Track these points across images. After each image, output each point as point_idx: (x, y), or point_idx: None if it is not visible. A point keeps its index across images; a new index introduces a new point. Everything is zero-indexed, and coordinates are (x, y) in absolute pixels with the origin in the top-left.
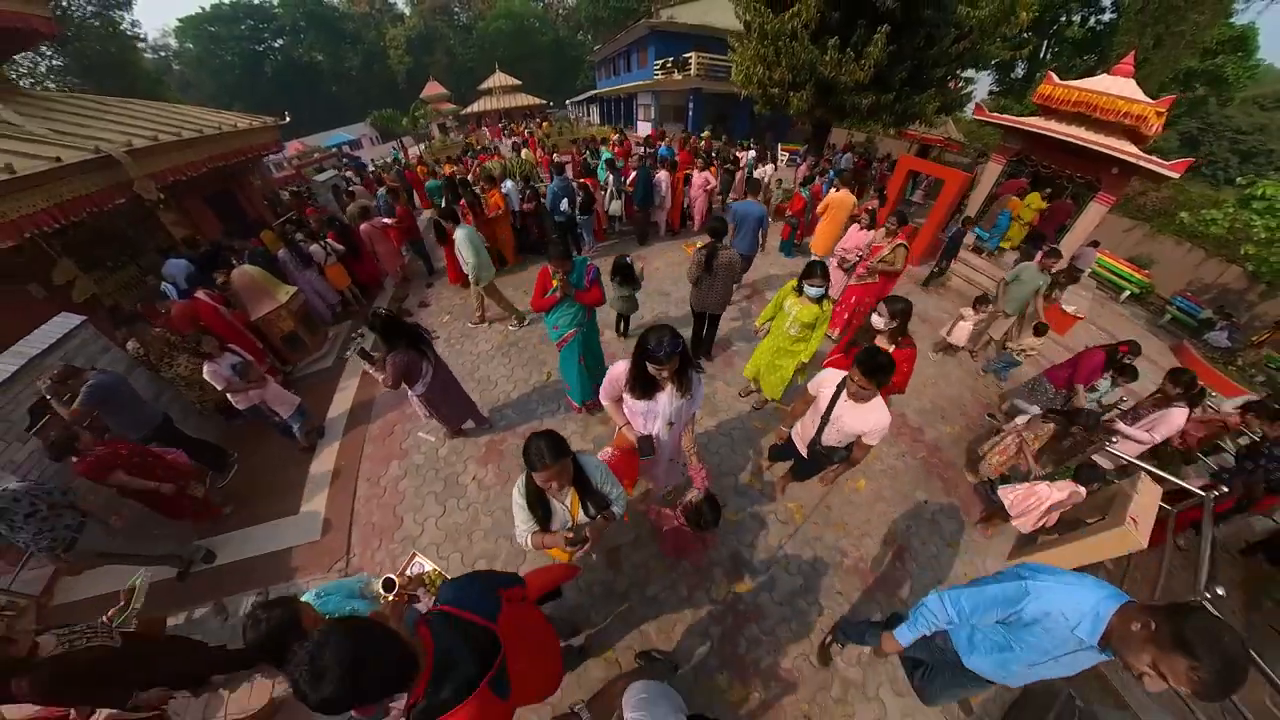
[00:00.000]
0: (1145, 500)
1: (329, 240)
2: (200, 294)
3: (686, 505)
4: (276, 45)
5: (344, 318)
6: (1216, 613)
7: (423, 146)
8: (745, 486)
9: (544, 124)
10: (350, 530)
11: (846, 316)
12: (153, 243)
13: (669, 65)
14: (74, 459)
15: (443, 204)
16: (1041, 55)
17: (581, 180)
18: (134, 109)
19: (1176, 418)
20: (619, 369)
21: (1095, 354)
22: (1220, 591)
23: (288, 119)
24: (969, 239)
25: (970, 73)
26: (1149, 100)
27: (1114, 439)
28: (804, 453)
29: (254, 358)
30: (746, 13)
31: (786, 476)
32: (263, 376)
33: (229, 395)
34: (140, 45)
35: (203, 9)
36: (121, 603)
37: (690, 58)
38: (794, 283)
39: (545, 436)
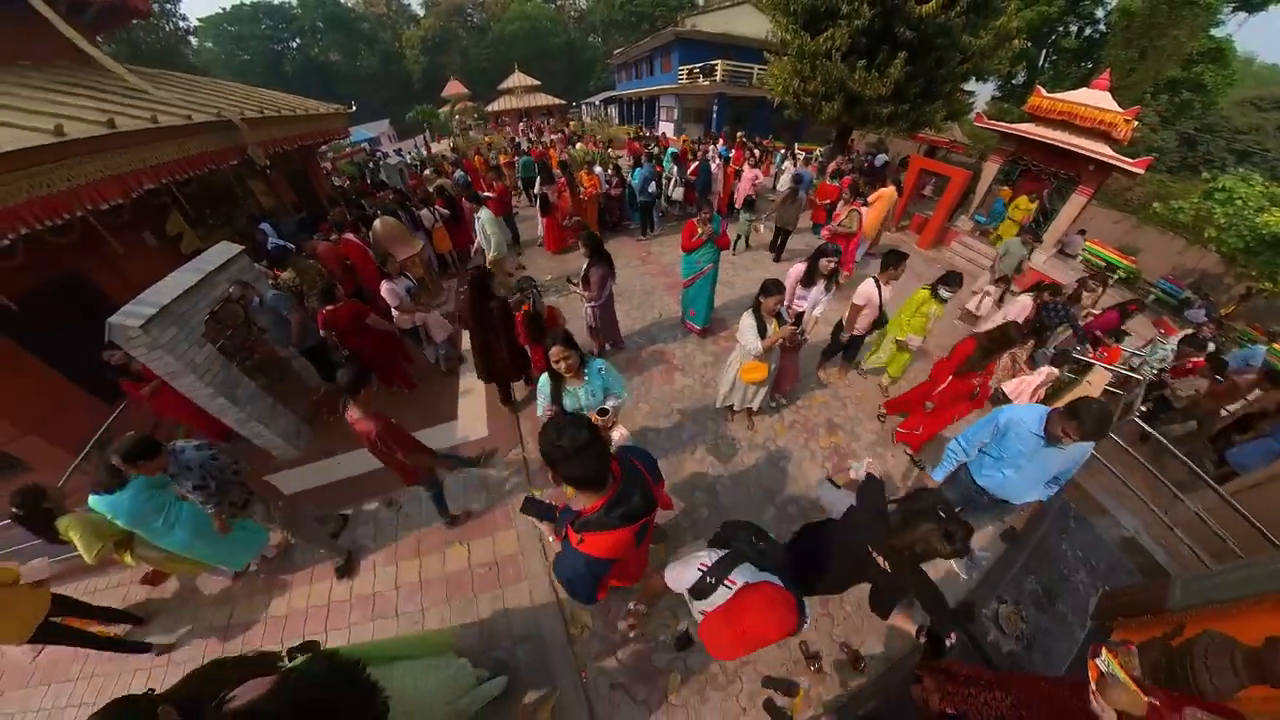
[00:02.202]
0: (1096, 377)
1: (437, 206)
2: (349, 235)
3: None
4: (294, 45)
5: (443, 278)
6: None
7: (446, 143)
8: (823, 380)
9: (570, 123)
10: (519, 424)
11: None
12: (245, 208)
13: (695, 71)
14: (329, 307)
15: (537, 183)
16: (1040, 64)
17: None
18: (222, 87)
19: (1022, 302)
20: (798, 268)
21: (1111, 314)
22: (1143, 408)
23: (354, 108)
24: (968, 224)
25: (973, 84)
26: (1120, 110)
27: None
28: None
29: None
30: (785, 33)
31: (845, 367)
32: (428, 303)
33: (395, 313)
34: (192, 39)
35: (223, 9)
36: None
37: (717, 65)
38: (926, 293)
39: (773, 279)
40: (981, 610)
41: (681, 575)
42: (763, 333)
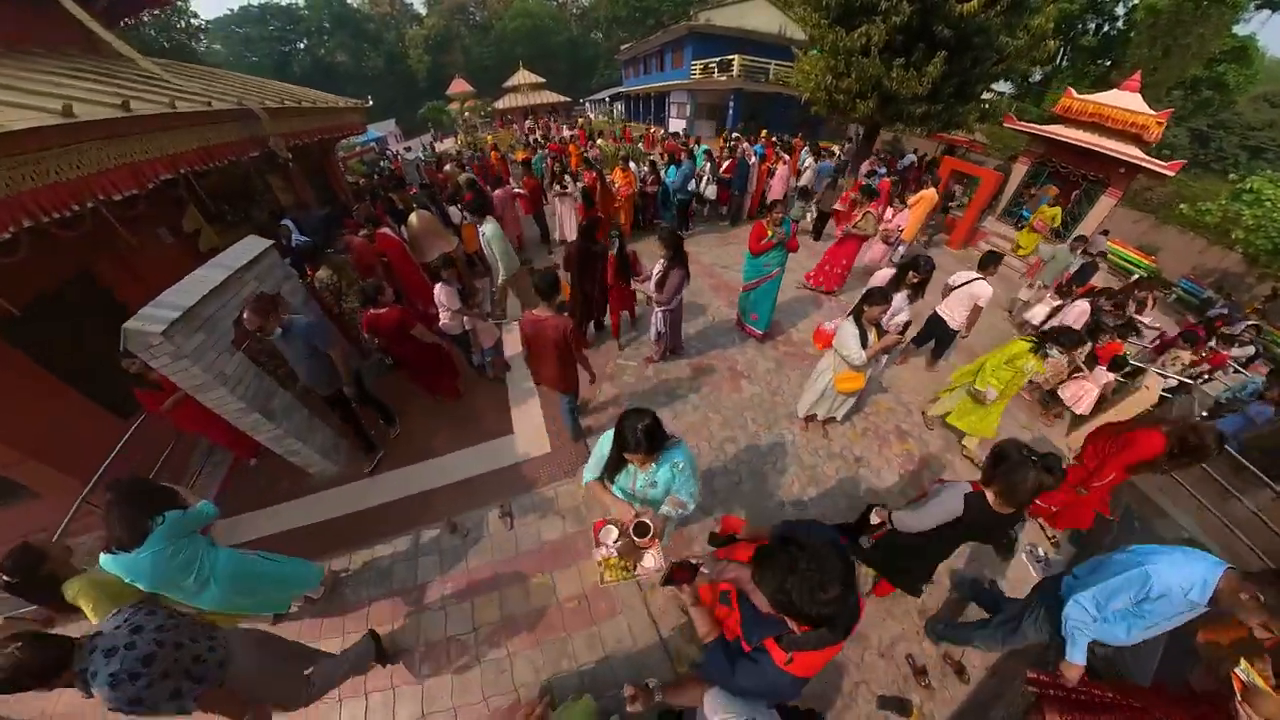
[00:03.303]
0: (1152, 382)
1: (466, 201)
2: (385, 230)
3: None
4: (301, 46)
5: (474, 278)
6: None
7: (451, 141)
8: (884, 385)
9: (580, 119)
10: (585, 439)
11: (838, 270)
12: (264, 204)
13: (710, 66)
14: (372, 309)
15: (570, 183)
16: (1058, 62)
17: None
18: (239, 79)
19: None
20: (884, 273)
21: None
22: (1204, 414)
23: (370, 103)
24: (996, 226)
25: (1000, 85)
26: (1151, 112)
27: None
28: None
29: (425, 297)
30: (813, 28)
31: (931, 362)
32: (480, 305)
33: (444, 318)
34: (202, 37)
35: (231, 10)
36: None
37: (734, 60)
38: (1026, 345)
39: (878, 288)
40: None
41: (725, 710)
42: (863, 342)
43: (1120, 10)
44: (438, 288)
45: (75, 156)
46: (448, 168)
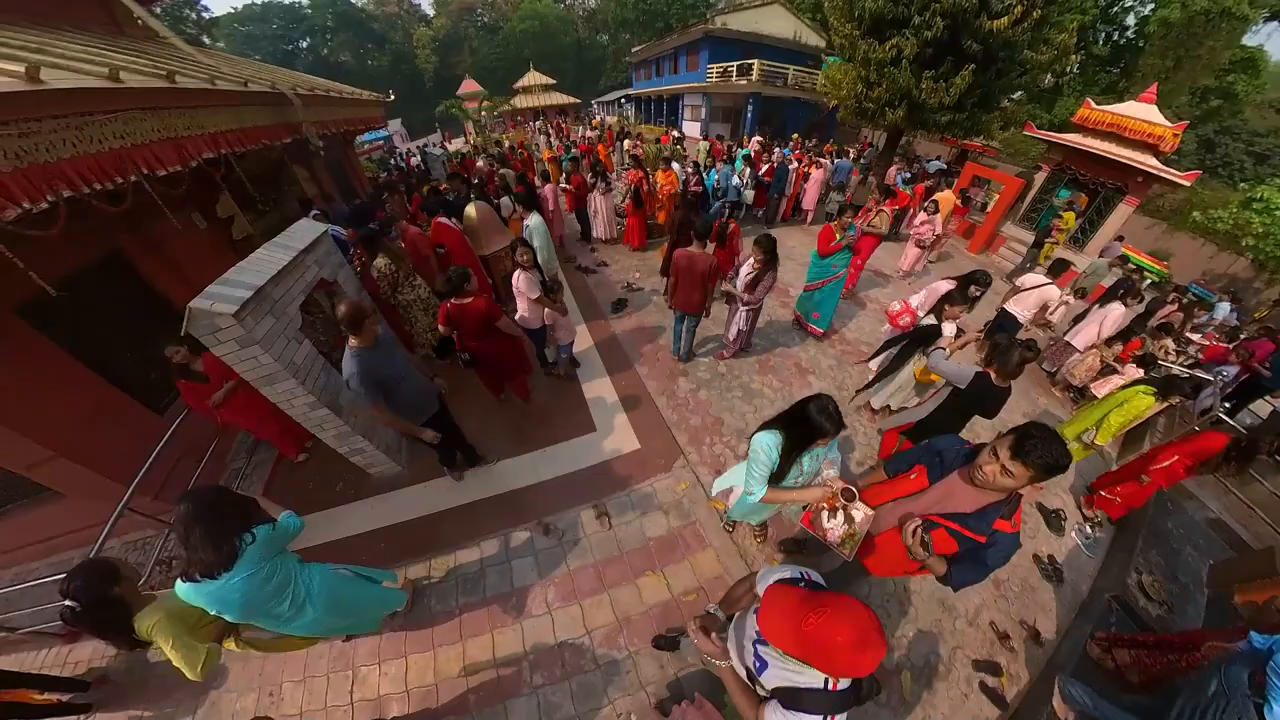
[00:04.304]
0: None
1: (518, 192)
2: (442, 219)
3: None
4: (304, 45)
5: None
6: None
7: (462, 140)
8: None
9: (594, 120)
10: (673, 434)
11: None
12: (293, 193)
13: (729, 70)
14: (455, 300)
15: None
16: (1069, 69)
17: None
18: (266, 67)
19: (1118, 310)
20: (941, 285)
21: (1267, 342)
22: (1227, 406)
23: (392, 97)
24: (1015, 230)
25: (1017, 94)
26: (1168, 124)
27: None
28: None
29: (482, 290)
30: (846, 40)
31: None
32: (560, 300)
33: (522, 308)
34: (213, 32)
35: (234, 9)
36: None
37: (753, 64)
38: (1150, 400)
39: (957, 290)
40: (1127, 581)
41: (778, 572)
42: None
43: (1131, 21)
44: (518, 275)
45: (120, 125)
46: (480, 163)
